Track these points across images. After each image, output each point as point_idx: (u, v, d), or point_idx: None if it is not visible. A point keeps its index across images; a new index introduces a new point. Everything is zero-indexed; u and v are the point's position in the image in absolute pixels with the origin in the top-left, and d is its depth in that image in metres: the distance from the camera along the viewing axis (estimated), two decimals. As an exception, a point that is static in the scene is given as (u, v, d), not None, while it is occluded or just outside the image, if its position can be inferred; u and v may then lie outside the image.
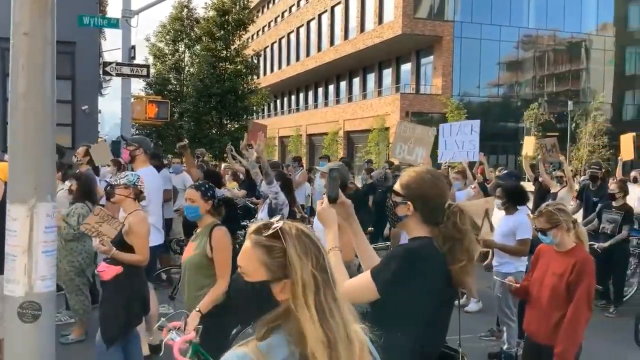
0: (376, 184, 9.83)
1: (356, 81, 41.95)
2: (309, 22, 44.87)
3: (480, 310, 7.48)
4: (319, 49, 42.86)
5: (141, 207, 4.81)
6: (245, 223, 8.64)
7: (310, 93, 49.76)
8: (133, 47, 11.90)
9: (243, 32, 25.85)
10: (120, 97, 12.02)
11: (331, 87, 45.77)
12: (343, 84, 43.83)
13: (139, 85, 31.60)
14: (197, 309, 3.75)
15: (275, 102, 56.65)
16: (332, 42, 40.89)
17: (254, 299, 1.49)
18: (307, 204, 11.03)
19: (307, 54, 44.96)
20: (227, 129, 24.76)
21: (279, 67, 51.27)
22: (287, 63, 49.21)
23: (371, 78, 40.13)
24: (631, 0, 38.80)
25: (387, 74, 38.29)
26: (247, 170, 9.77)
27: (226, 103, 24.00)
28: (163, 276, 7.51)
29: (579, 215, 7.91)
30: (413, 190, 2.39)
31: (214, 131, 24.61)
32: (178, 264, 6.40)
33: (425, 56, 35.07)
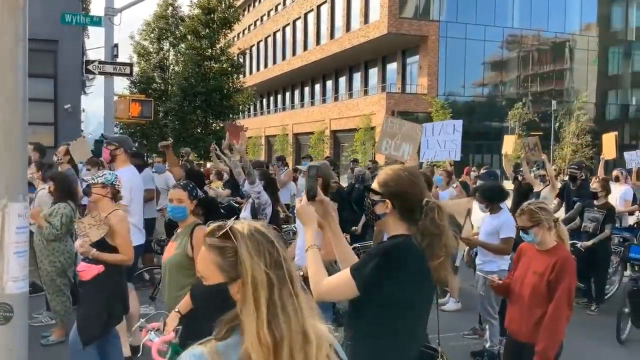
0: (355, 182, 9.74)
1: (342, 80, 41.97)
2: (295, 21, 44.82)
3: (464, 309, 7.51)
4: (305, 48, 42.83)
5: (123, 207, 4.76)
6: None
7: (296, 92, 49.71)
8: (116, 45, 11.81)
9: (228, 31, 25.72)
10: (103, 95, 11.92)
11: (317, 87, 45.76)
12: (329, 83, 43.83)
13: (123, 84, 31.34)
14: (176, 310, 3.72)
15: (261, 101, 56.51)
16: (318, 41, 40.88)
17: (214, 303, 1.48)
18: (292, 203, 10.98)
19: (293, 53, 44.91)
20: (212, 128, 24.63)
21: (265, 66, 51.16)
22: (274, 62, 49.12)
23: (357, 77, 40.17)
24: (614, 0, 39.21)
25: (373, 74, 38.36)
26: (232, 169, 9.73)
27: (211, 102, 23.87)
28: (146, 276, 7.45)
29: (560, 214, 7.96)
30: (391, 189, 2.39)
31: (198, 130, 24.47)
32: (160, 264, 6.34)
33: (410, 56, 35.17)
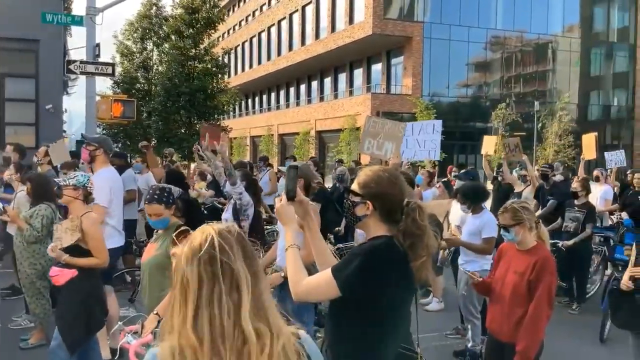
0: (335, 182, 9.67)
1: (327, 81, 41.97)
2: (280, 22, 44.74)
3: (447, 309, 7.54)
4: (290, 48, 42.77)
5: (102, 209, 4.70)
6: (212, 224, 8.57)
7: (281, 92, 49.62)
8: (98, 45, 11.71)
9: (212, 31, 25.58)
10: (85, 95, 11.80)
11: (302, 87, 45.71)
12: (314, 84, 43.81)
13: (106, 84, 31.07)
14: (155, 312, 3.68)
15: (246, 102, 56.32)
16: (303, 42, 40.84)
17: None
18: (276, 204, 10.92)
19: (279, 53, 44.83)
20: (196, 128, 24.47)
21: (250, 66, 51.01)
22: (259, 62, 48.98)
23: (342, 78, 40.19)
24: (596, 2, 39.63)
25: (358, 74, 38.39)
26: (212, 171, 9.68)
27: (195, 102, 23.70)
28: (127, 278, 7.37)
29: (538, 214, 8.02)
30: (371, 190, 2.37)
31: (182, 131, 24.28)
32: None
33: (395, 56, 35.26)
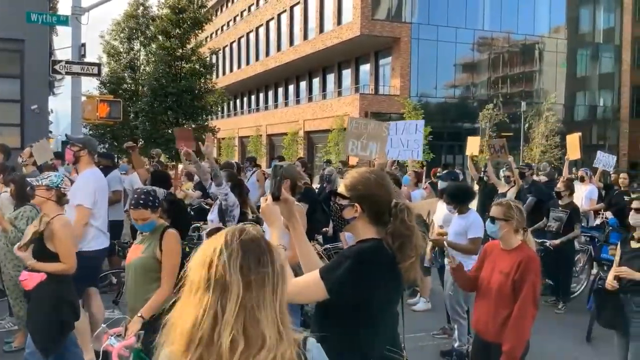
0: (323, 183, 9.63)
1: (316, 81, 41.97)
2: (268, 22, 44.67)
3: (434, 309, 7.56)
4: (279, 48, 42.72)
5: (91, 211, 4.62)
6: (198, 225, 8.54)
7: (270, 93, 49.53)
8: (83, 44, 11.61)
9: (199, 31, 25.51)
10: (70, 96, 11.71)
11: (291, 87, 45.66)
12: (303, 84, 43.79)
13: (92, 84, 30.91)
14: (139, 314, 3.66)
15: (235, 102, 56.17)
16: (291, 42, 40.80)
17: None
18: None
19: (267, 53, 44.76)
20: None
21: (238, 67, 50.88)
22: (247, 63, 48.88)
23: (331, 78, 40.21)
24: (582, 3, 39.97)
25: (347, 75, 38.43)
26: (187, 172, 9.65)
27: (182, 102, 23.61)
28: (113, 280, 7.31)
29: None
30: (359, 192, 2.35)
31: (169, 131, 24.18)
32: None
33: (383, 57, 35.32)
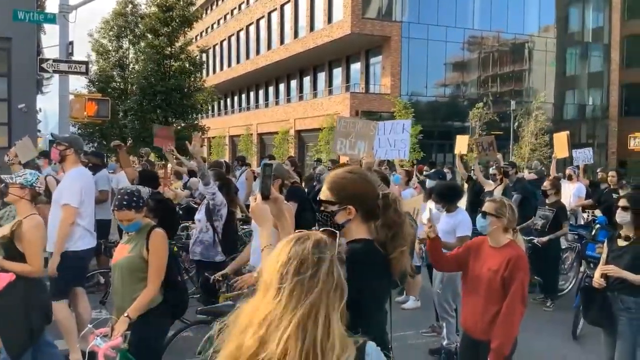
0: (314, 182, 9.60)
1: (307, 80, 41.93)
2: (258, 20, 44.55)
3: (423, 307, 7.57)
4: (269, 47, 42.63)
5: (78, 210, 4.53)
6: (187, 224, 8.51)
7: (260, 92, 49.43)
8: (71, 43, 11.53)
9: (188, 29, 25.40)
10: (58, 94, 11.63)
11: (282, 86, 45.60)
12: (294, 83, 43.73)
13: (81, 83, 30.75)
14: (125, 314, 3.63)
15: (225, 101, 56.01)
16: (282, 41, 40.74)
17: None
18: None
19: (257, 52, 44.66)
20: (173, 127, 24.30)
21: (228, 65, 50.73)
22: (237, 61, 48.73)
23: (321, 77, 40.19)
24: (571, 3, 40.21)
25: (337, 73, 38.43)
26: (190, 170, 9.62)
27: (171, 101, 23.52)
28: (101, 279, 7.26)
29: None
30: (349, 193, 2.32)
31: (159, 130, 24.10)
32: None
33: (374, 56, 35.35)
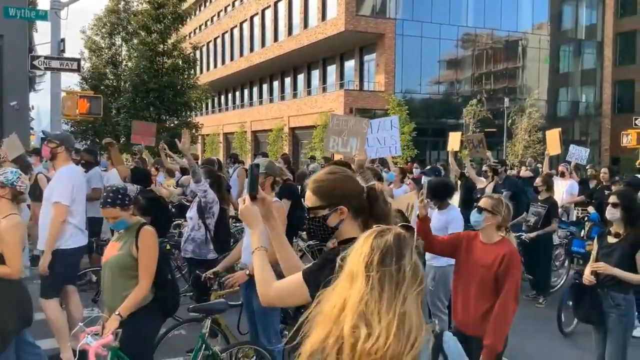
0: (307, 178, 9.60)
1: (300, 77, 41.90)
2: (252, 18, 44.46)
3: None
4: (263, 44, 42.55)
5: (69, 208, 4.49)
6: (179, 222, 8.50)
7: (254, 89, 49.36)
8: (62, 40, 11.47)
9: (181, 26, 25.32)
10: (50, 91, 11.58)
11: (276, 83, 45.54)
12: (287, 80, 43.69)
13: (73, 80, 30.66)
14: (117, 313, 3.63)
15: (219, 98, 55.90)
16: (276, 38, 40.67)
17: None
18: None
19: (251, 49, 44.57)
20: (166, 125, 24.22)
21: (222, 63, 50.61)
22: (231, 58, 48.63)
23: (315, 74, 40.17)
24: (565, 0, 40.32)
25: (331, 71, 38.41)
26: (182, 168, 9.60)
27: (164, 98, 23.42)
28: (92, 277, 7.24)
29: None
30: (336, 194, 2.29)
31: (152, 128, 23.99)
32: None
33: (368, 53, 35.36)
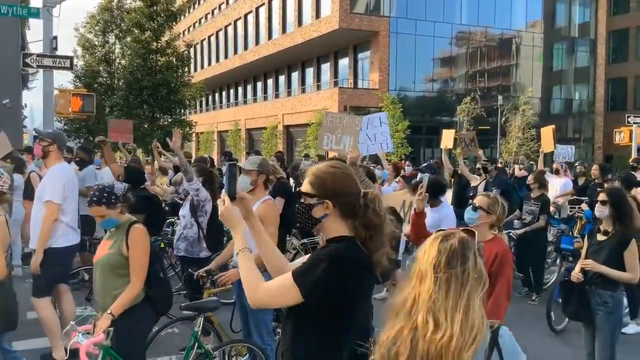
0: (300, 178, 9.56)
1: (295, 75, 41.83)
2: (246, 15, 44.34)
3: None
4: (257, 42, 42.45)
5: (60, 206, 4.44)
6: (172, 220, 8.48)
7: (249, 87, 49.24)
8: (55, 37, 11.40)
9: (174, 24, 25.21)
10: (42, 89, 11.52)
11: (270, 81, 45.45)
12: (282, 78, 43.61)
13: (67, 78, 30.51)
14: (108, 311, 3.63)
15: (213, 96, 55.74)
16: (270, 36, 40.59)
17: None
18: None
19: (245, 47, 44.46)
20: (160, 123, 24.12)
21: (216, 60, 50.46)
22: (225, 56, 48.49)
23: (310, 72, 40.10)
24: (558, -2, 40.46)
25: (326, 69, 38.36)
26: (175, 166, 9.59)
27: (158, 96, 23.31)
28: (85, 276, 7.22)
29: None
30: (328, 187, 2.28)
31: (145, 126, 23.87)
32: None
33: (362, 51, 35.34)
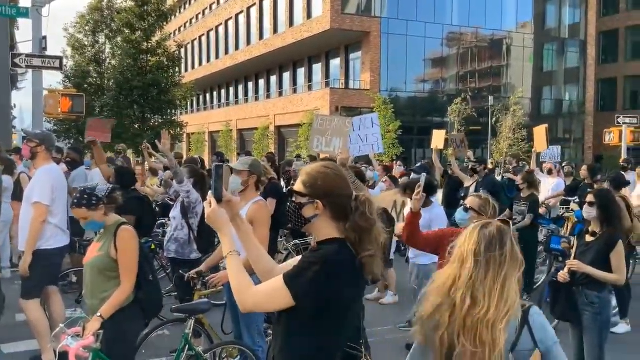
0: (292, 178, 9.55)
1: (286, 76, 41.81)
2: (237, 15, 44.26)
3: (401, 302, 7.61)
4: (248, 42, 42.39)
5: (49, 208, 4.44)
6: (163, 221, 8.45)
7: (240, 87, 49.17)
8: (44, 37, 11.31)
9: (165, 24, 25.11)
10: (32, 90, 11.43)
11: (261, 82, 45.41)
12: (273, 79, 43.58)
13: (57, 79, 30.34)
14: (98, 314, 3.60)
15: (204, 96, 55.60)
16: (261, 36, 40.54)
17: None
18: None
19: (237, 47, 44.38)
20: (150, 124, 24.02)
21: (207, 61, 50.35)
22: (216, 56, 48.38)
23: (301, 73, 40.10)
24: (549, -1, 40.72)
25: (317, 69, 38.37)
26: (166, 167, 9.55)
27: (148, 97, 23.19)
28: (73, 278, 7.15)
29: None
30: (319, 188, 2.27)
31: (136, 126, 23.76)
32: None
33: (353, 51, 35.38)
